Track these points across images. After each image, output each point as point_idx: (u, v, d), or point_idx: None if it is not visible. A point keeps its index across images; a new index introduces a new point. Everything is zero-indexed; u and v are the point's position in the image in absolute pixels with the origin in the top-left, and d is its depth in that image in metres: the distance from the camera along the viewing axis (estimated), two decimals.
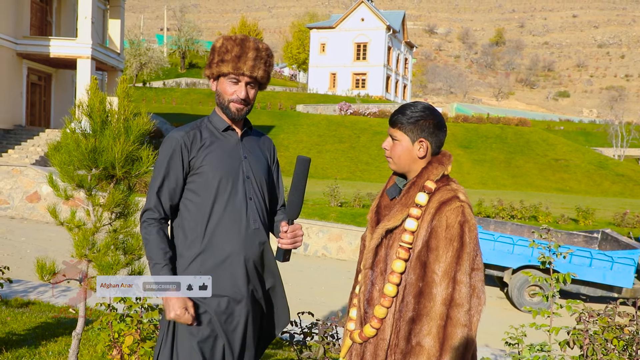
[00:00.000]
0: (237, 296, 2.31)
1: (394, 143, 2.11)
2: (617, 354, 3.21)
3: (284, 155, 30.12)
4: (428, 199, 2.01)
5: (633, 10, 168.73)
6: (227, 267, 2.30)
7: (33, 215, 14.80)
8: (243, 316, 2.31)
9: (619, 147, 47.74)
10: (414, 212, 2.01)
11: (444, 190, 2.02)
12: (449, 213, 1.95)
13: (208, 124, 2.43)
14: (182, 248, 2.33)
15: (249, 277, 2.33)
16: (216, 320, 2.26)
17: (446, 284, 1.90)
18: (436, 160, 2.08)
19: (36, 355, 4.60)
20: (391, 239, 2.05)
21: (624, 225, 15.38)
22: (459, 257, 1.92)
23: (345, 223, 14.12)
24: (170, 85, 49.89)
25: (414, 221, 2.00)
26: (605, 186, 31.15)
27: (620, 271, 9.90)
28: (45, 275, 3.33)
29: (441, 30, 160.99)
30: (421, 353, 1.88)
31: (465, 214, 1.96)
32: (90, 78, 17.06)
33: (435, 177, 2.04)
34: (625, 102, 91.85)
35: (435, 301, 1.89)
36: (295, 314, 4.22)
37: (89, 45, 20.96)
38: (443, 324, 1.89)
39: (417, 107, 2.09)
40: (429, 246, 1.95)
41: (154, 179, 2.33)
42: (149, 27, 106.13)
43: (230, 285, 2.30)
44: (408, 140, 2.08)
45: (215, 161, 2.33)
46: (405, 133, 2.08)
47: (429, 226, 1.97)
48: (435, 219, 1.96)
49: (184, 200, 2.34)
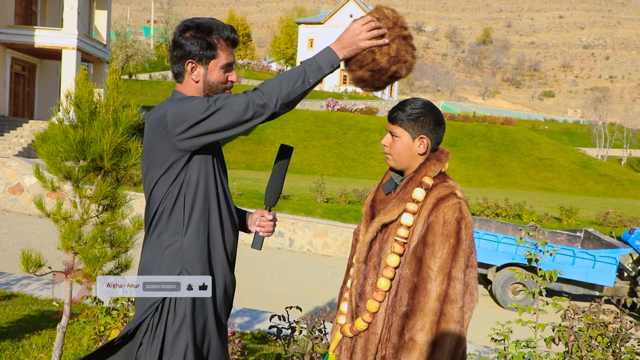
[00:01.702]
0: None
1: (394, 140, 2.10)
2: (601, 350, 3.25)
3: (270, 150, 30.05)
4: (425, 195, 2.02)
5: (618, 13, 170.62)
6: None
7: (15, 207, 14.62)
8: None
9: (602, 148, 48.35)
10: (411, 207, 2.01)
11: (441, 187, 2.02)
12: (447, 209, 1.95)
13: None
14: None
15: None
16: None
17: (441, 279, 1.91)
18: (434, 156, 2.08)
19: (19, 349, 4.55)
20: (386, 233, 2.05)
21: (606, 224, 15.57)
22: (455, 253, 1.93)
23: (331, 219, 14.12)
24: (156, 78, 49.50)
25: (411, 216, 2.00)
26: (588, 186, 31.50)
27: (602, 270, 10.03)
28: (31, 268, 3.29)
29: (429, 28, 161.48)
30: (414, 348, 1.88)
31: (463, 210, 1.97)
32: (77, 69, 16.85)
33: (432, 174, 2.05)
34: (609, 103, 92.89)
35: (430, 297, 1.90)
36: (281, 309, 4.22)
37: (75, 36, 20.71)
38: (437, 319, 1.89)
39: (417, 104, 2.08)
40: (425, 242, 1.95)
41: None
42: (135, 19, 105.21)
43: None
44: (408, 137, 2.08)
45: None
46: (406, 129, 2.07)
47: (425, 222, 1.97)
48: (432, 214, 1.96)
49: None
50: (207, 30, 2.10)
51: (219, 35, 2.11)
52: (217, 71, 2.13)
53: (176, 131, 1.98)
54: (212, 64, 2.12)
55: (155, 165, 2.07)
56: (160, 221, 2.10)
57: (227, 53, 2.14)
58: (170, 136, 1.99)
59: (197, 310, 2.07)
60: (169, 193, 2.08)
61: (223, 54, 2.13)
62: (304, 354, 3.12)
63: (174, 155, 2.03)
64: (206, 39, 2.09)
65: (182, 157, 2.04)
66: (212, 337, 2.13)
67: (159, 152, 2.04)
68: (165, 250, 2.08)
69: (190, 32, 2.10)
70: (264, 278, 10.01)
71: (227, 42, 2.13)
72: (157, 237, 2.10)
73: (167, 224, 2.08)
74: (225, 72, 2.15)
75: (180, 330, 2.04)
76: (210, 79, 2.13)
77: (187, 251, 2.07)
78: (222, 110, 1.95)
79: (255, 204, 14.24)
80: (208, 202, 2.11)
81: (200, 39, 2.09)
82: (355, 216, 14.28)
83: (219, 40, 2.11)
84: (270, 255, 12.05)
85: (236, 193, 15.11)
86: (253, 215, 2.34)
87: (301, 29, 55.71)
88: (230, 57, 2.15)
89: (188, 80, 2.15)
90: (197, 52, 2.10)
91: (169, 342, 2.04)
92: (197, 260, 2.08)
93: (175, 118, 1.97)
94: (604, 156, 46.91)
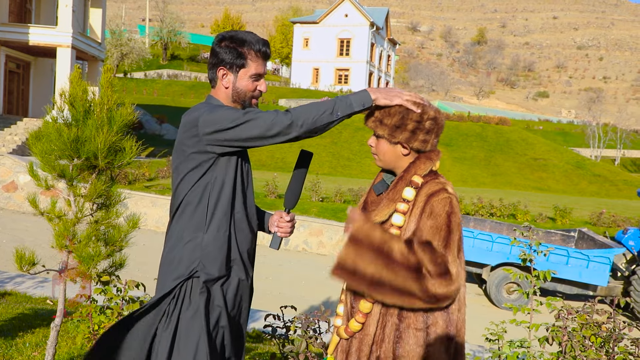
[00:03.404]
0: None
1: (378, 140, 2.08)
2: (595, 350, 3.26)
3: (265, 149, 30.04)
4: (415, 194, 2.00)
5: (612, 14, 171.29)
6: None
7: (9, 205, 14.56)
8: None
9: (596, 148, 48.54)
10: (401, 207, 1.99)
11: (432, 183, 2.01)
12: (436, 203, 1.94)
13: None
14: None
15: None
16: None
17: None
18: (425, 155, 2.06)
19: (13, 347, 4.53)
20: None
21: (600, 224, 15.64)
22: (447, 246, 1.90)
23: (326, 218, 14.13)
24: (151, 76, 49.39)
25: (401, 216, 1.99)
26: (582, 186, 31.63)
27: (596, 270, 10.07)
28: (25, 266, 3.27)
29: (424, 28, 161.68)
30: (407, 342, 1.89)
31: (453, 205, 1.96)
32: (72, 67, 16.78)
33: (422, 172, 2.03)
34: (602, 103, 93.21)
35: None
36: (276, 307, 4.22)
37: (70, 34, 20.62)
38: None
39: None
40: (417, 236, 1.94)
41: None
42: (130, 17, 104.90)
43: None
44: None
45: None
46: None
47: (418, 220, 1.96)
48: (425, 210, 1.95)
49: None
50: (240, 42, 2.26)
51: (251, 47, 2.26)
52: (246, 80, 2.28)
53: (205, 134, 2.13)
54: (241, 72, 2.27)
55: (185, 162, 2.22)
56: (183, 214, 2.24)
57: (257, 64, 2.28)
58: (200, 138, 2.15)
59: (211, 304, 2.19)
60: (193, 190, 2.21)
61: (253, 64, 2.27)
62: (298, 353, 3.12)
63: (202, 156, 2.18)
64: (238, 49, 2.25)
65: (210, 159, 2.18)
66: (225, 333, 2.23)
67: (189, 151, 2.20)
68: (186, 244, 2.21)
69: (225, 42, 2.27)
70: (259, 277, 9.97)
71: (258, 54, 2.28)
72: (180, 231, 2.23)
73: (190, 219, 2.22)
74: (254, 81, 2.29)
75: (195, 319, 2.15)
76: (239, 86, 2.28)
77: (206, 247, 2.20)
78: (250, 123, 2.08)
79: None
80: (231, 204, 2.25)
81: (233, 49, 2.25)
82: None
83: (250, 52, 2.26)
84: (266, 254, 12.00)
85: None
86: (273, 217, 2.48)
87: (296, 28, 55.64)
88: (260, 68, 2.30)
89: (219, 85, 2.30)
90: (228, 60, 2.26)
91: (182, 330, 2.15)
92: (215, 257, 2.21)
93: (207, 122, 2.12)
94: (597, 156, 47.09)
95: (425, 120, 2.00)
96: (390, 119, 2.00)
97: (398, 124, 1.99)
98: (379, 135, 2.05)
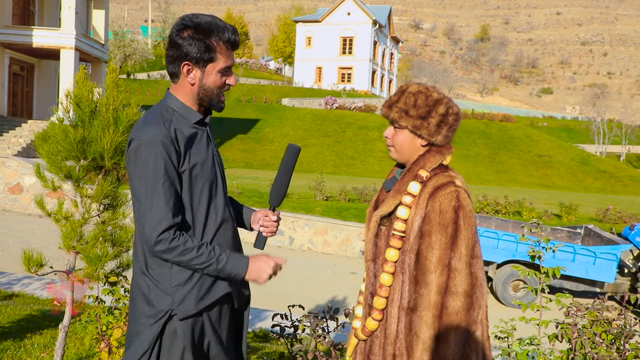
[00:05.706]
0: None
1: (396, 131, 2.03)
2: (605, 347, 3.24)
3: (269, 149, 30.05)
4: (422, 187, 1.95)
5: (616, 9, 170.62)
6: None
7: (15, 207, 14.60)
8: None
9: (601, 144, 48.39)
10: (406, 200, 1.95)
11: (440, 176, 1.96)
12: (442, 198, 1.89)
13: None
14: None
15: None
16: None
17: (440, 271, 1.85)
18: (435, 148, 2.01)
19: (21, 348, 4.54)
20: (389, 228, 2.01)
21: (606, 221, 15.57)
22: (454, 243, 1.85)
23: (331, 217, 14.11)
24: (154, 77, 49.43)
25: (406, 209, 1.95)
26: (587, 182, 31.53)
27: (603, 266, 10.02)
28: (32, 267, 3.28)
29: (427, 25, 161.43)
30: (417, 344, 1.85)
31: (460, 199, 1.90)
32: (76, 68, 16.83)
33: (431, 166, 1.98)
34: (607, 99, 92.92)
35: (430, 290, 1.84)
36: (282, 307, 4.21)
37: (73, 36, 20.67)
38: (438, 313, 1.84)
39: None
40: (422, 233, 1.89)
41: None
42: (133, 19, 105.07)
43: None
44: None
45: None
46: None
47: (423, 212, 1.91)
48: (429, 204, 1.90)
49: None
50: (207, 32, 1.96)
51: (219, 37, 1.97)
52: (215, 75, 2.01)
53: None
54: (209, 67, 2.00)
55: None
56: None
57: (227, 56, 2.01)
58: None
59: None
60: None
61: (222, 58, 2.00)
62: (307, 351, 3.11)
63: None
64: (205, 41, 1.96)
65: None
66: (211, 339, 2.08)
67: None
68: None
69: (188, 32, 1.96)
70: None
71: (227, 44, 2.00)
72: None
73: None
74: (222, 75, 2.03)
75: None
76: (207, 82, 2.02)
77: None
78: (151, 211, 1.91)
79: (254, 202, 14.23)
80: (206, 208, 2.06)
81: (199, 41, 1.95)
82: (355, 214, 14.27)
83: (219, 43, 1.98)
84: (270, 253, 12.01)
85: (236, 192, 15.10)
86: (256, 214, 2.30)
87: (299, 27, 55.60)
88: (230, 60, 2.03)
89: (183, 82, 2.03)
90: (194, 55, 1.96)
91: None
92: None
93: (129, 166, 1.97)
94: (602, 152, 46.95)
95: (450, 115, 1.98)
96: (415, 111, 1.95)
97: (424, 114, 1.95)
98: (401, 125, 1.99)
